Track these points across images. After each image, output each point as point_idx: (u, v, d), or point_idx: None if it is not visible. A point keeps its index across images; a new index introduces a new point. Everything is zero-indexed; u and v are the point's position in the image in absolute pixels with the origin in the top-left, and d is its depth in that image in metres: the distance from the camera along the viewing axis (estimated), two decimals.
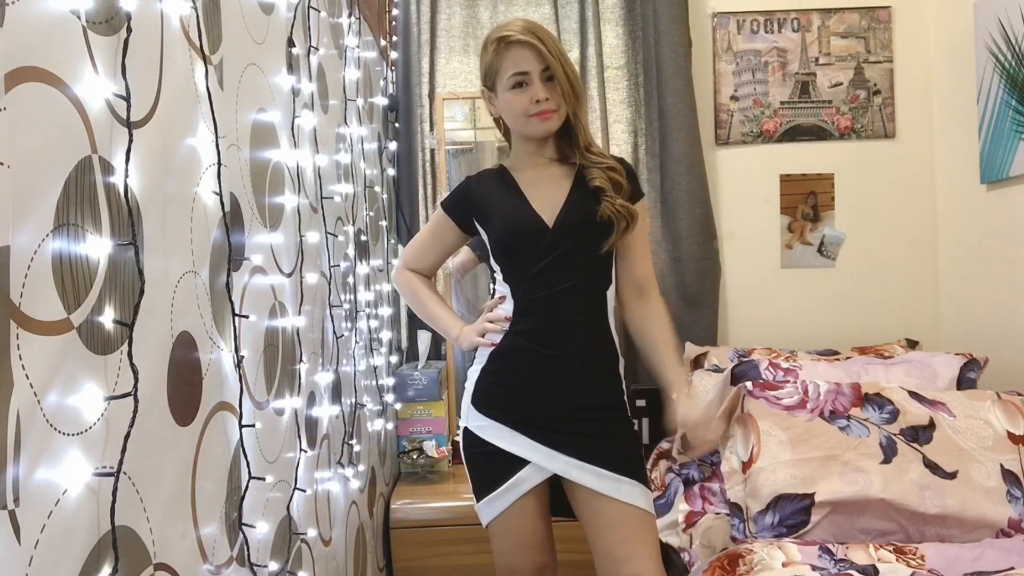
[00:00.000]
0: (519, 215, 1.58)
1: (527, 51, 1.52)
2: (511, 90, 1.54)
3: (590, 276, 1.58)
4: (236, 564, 1.11)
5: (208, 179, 1.05)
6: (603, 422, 1.57)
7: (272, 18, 1.38)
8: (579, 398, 1.56)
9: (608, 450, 1.54)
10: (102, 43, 0.79)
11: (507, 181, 1.63)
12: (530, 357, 1.57)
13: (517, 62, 1.53)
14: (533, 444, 1.55)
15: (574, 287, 1.55)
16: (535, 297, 1.57)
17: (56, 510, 0.69)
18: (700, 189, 2.82)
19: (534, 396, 1.57)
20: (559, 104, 1.54)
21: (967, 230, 2.69)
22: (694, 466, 2.23)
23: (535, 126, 1.56)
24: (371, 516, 2.17)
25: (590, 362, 1.57)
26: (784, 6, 2.91)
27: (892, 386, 2.03)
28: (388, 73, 2.80)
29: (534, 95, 1.52)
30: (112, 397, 0.77)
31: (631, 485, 1.52)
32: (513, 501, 1.57)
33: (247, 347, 1.17)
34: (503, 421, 1.57)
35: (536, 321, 1.57)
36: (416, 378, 2.57)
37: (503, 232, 1.60)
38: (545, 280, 1.55)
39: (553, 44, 1.53)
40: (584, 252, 1.55)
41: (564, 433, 1.54)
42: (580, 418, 1.55)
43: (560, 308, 1.56)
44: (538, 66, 1.52)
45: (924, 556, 1.62)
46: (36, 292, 0.67)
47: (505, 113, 1.60)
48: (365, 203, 2.23)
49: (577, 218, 1.55)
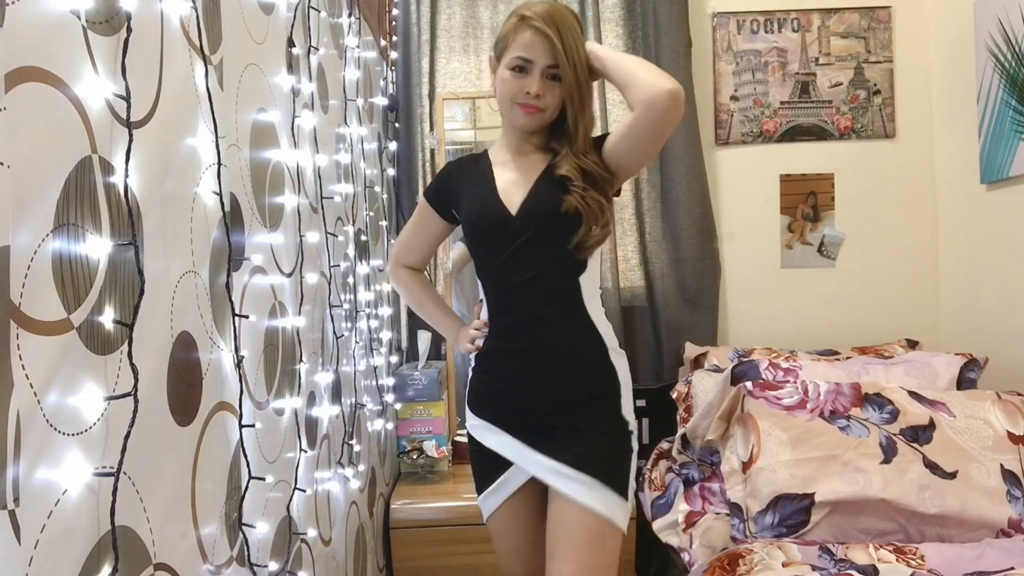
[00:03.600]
0: (484, 203, 1.52)
1: (540, 40, 1.43)
2: (510, 71, 1.47)
3: (556, 266, 1.48)
4: (236, 564, 1.11)
5: (208, 179, 1.05)
6: (581, 416, 1.48)
7: (272, 18, 1.38)
8: (554, 393, 1.49)
9: (578, 444, 1.45)
10: (102, 43, 0.79)
11: (483, 167, 1.57)
12: (502, 355, 1.54)
13: (526, 46, 1.45)
14: (514, 442, 1.51)
15: (536, 278, 1.47)
16: (501, 291, 1.52)
17: (56, 510, 0.69)
18: (700, 189, 2.82)
19: (511, 393, 1.53)
20: (550, 105, 1.47)
21: (967, 230, 2.69)
22: (694, 466, 2.23)
23: (517, 115, 1.49)
24: (371, 516, 2.17)
25: (564, 355, 1.49)
26: (784, 6, 2.91)
27: (892, 386, 2.03)
28: (388, 73, 2.80)
29: (528, 86, 1.45)
30: (112, 397, 0.77)
31: (590, 486, 1.41)
32: (502, 501, 1.55)
33: (247, 347, 1.17)
34: (490, 419, 1.55)
35: (505, 317, 1.53)
36: (416, 378, 2.57)
37: (470, 221, 1.55)
38: (510, 272, 1.49)
39: (572, 41, 1.43)
40: (547, 242, 1.46)
41: (540, 429, 1.49)
42: (555, 412, 1.48)
43: (524, 301, 1.49)
44: (545, 60, 1.44)
45: (924, 556, 1.63)
46: (36, 292, 0.67)
47: (497, 89, 1.52)
48: (365, 203, 2.23)
49: (540, 207, 1.47)
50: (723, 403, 2.05)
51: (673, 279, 2.84)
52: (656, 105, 1.35)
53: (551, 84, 1.46)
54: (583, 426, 1.47)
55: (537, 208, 1.47)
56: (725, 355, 2.61)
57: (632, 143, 1.44)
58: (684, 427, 2.24)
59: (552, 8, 1.45)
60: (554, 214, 1.44)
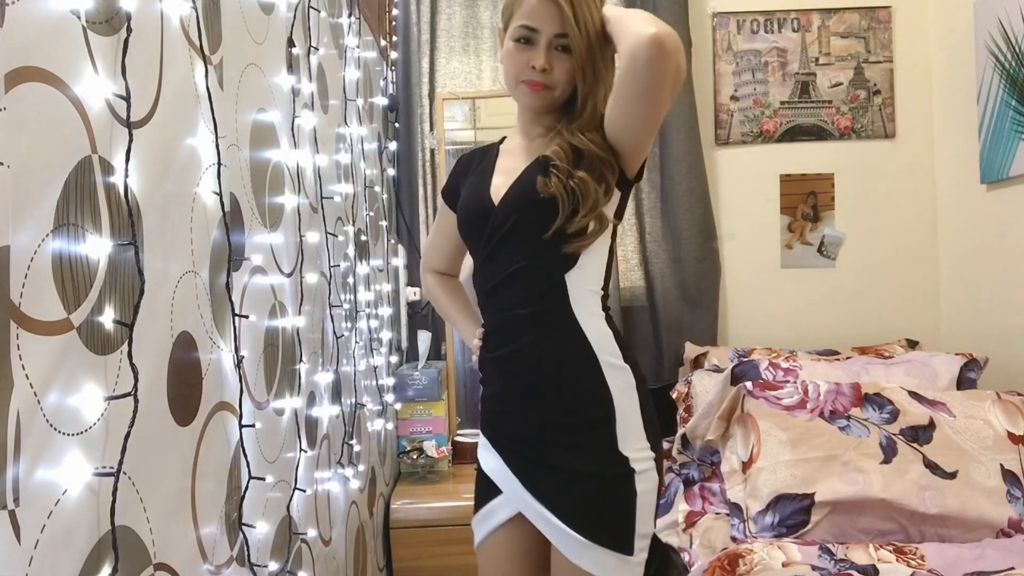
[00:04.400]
0: (471, 196, 1.37)
1: (548, 6, 1.23)
2: (515, 42, 1.28)
3: (536, 260, 1.27)
4: (236, 564, 1.11)
5: (208, 179, 1.05)
6: (569, 452, 1.25)
7: (272, 18, 1.38)
8: (535, 413, 1.28)
9: (568, 494, 1.23)
10: (102, 43, 0.79)
11: (489, 157, 1.42)
12: (489, 364, 1.36)
13: (530, 14, 1.25)
14: (505, 470, 1.32)
15: (515, 274, 1.28)
16: (485, 292, 1.35)
17: (56, 510, 0.69)
18: (700, 189, 2.82)
19: (498, 408, 1.35)
20: (560, 81, 1.27)
21: (967, 230, 2.69)
22: (694, 466, 2.23)
23: (521, 94, 1.31)
24: (371, 516, 2.17)
25: (544, 365, 1.27)
26: (784, 6, 2.92)
27: (892, 386, 2.03)
28: (388, 73, 2.80)
29: (533, 59, 1.26)
30: (112, 397, 0.77)
31: (587, 546, 1.21)
32: (490, 531, 1.36)
33: (247, 347, 1.17)
34: (487, 437, 1.38)
35: (488, 321, 1.36)
36: (416, 378, 2.58)
37: (459, 217, 1.40)
38: (491, 270, 1.32)
39: (585, 7, 1.22)
40: (525, 233, 1.27)
41: (528, 461, 1.29)
42: (539, 443, 1.27)
43: (503, 301, 1.30)
44: (552, 29, 1.24)
45: (924, 556, 1.62)
46: (36, 292, 0.67)
47: (503, 63, 1.33)
48: (365, 203, 2.23)
49: (518, 194, 1.28)
50: (723, 403, 2.05)
51: (673, 279, 2.84)
52: (637, 56, 1.14)
53: (560, 56, 1.26)
54: (574, 467, 1.24)
55: (515, 196, 1.29)
56: (725, 355, 2.61)
57: (620, 107, 1.22)
58: (684, 427, 2.24)
59: None
60: (529, 201, 1.25)
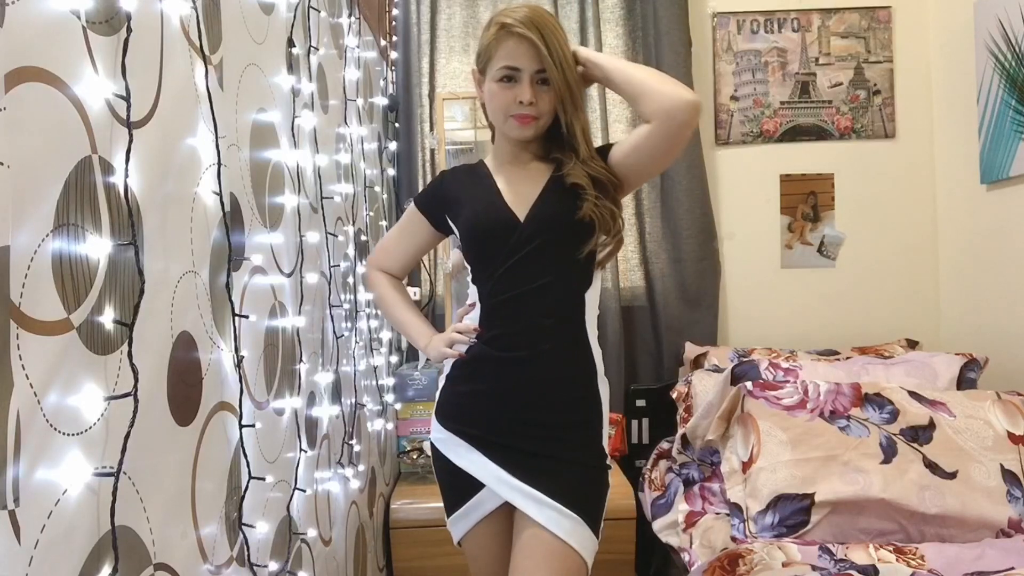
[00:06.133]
0: (489, 209, 1.46)
1: (525, 46, 1.38)
2: (498, 82, 1.42)
3: (564, 276, 1.43)
4: (236, 564, 1.11)
5: (208, 179, 1.05)
6: (564, 445, 1.42)
7: (272, 18, 1.38)
8: (542, 411, 1.42)
9: (561, 476, 1.39)
10: (102, 43, 0.79)
11: (482, 175, 1.53)
12: (491, 363, 1.44)
13: (511, 55, 1.40)
14: (488, 464, 1.43)
15: (544, 287, 1.41)
16: (501, 299, 1.44)
17: (56, 510, 0.69)
18: (700, 189, 2.82)
19: (493, 407, 1.44)
20: (544, 111, 1.43)
21: (967, 230, 2.69)
22: (694, 466, 2.23)
23: (512, 128, 1.45)
24: (371, 516, 2.17)
25: (557, 371, 1.42)
26: (784, 6, 2.92)
27: (892, 386, 2.03)
28: (388, 73, 2.80)
29: (519, 95, 1.40)
30: (112, 397, 0.77)
31: (572, 520, 1.37)
32: (474, 524, 1.49)
33: (247, 347, 1.17)
34: (461, 435, 1.46)
35: (502, 326, 1.44)
36: (416, 378, 2.58)
37: (473, 226, 1.48)
38: (513, 280, 1.42)
39: (557, 44, 1.38)
40: (557, 250, 1.42)
41: (521, 452, 1.41)
42: (537, 437, 1.42)
43: (527, 310, 1.42)
44: (532, 65, 1.39)
45: (924, 556, 1.62)
46: (36, 292, 0.67)
47: (487, 104, 1.48)
48: (365, 203, 2.23)
49: (552, 212, 1.42)
50: (723, 403, 2.05)
51: (673, 279, 2.84)
52: (676, 117, 1.33)
53: (541, 90, 1.42)
54: (567, 457, 1.41)
55: (547, 215, 1.42)
56: (725, 355, 2.61)
57: (645, 155, 1.41)
58: (684, 427, 2.24)
59: (531, 11, 1.40)
60: (566, 221, 1.41)
